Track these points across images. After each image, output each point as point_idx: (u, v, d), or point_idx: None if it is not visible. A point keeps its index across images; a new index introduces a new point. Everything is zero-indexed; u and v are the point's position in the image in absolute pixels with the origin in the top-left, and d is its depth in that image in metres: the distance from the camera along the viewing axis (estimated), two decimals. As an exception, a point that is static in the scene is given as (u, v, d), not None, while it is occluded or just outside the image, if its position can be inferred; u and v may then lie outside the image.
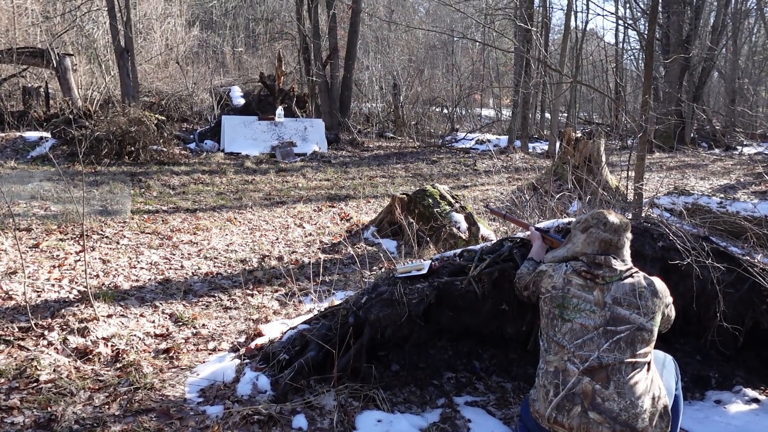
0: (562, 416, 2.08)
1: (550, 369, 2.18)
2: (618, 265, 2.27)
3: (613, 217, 2.36)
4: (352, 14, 15.53)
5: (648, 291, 2.22)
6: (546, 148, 14.50)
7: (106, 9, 12.11)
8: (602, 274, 2.24)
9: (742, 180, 11.13)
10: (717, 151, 16.88)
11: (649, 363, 2.14)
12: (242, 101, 13.23)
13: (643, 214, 5.07)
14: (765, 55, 22.63)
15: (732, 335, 3.02)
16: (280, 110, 11.91)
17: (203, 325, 3.82)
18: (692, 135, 17.80)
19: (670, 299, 2.31)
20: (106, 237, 5.63)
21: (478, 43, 19.81)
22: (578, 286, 2.25)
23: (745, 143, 17.94)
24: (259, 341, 3.34)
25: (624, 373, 2.07)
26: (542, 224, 3.27)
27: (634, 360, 2.09)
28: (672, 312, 2.35)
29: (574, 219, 3.29)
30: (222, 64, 20.09)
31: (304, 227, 6.64)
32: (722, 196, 6.57)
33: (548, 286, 2.33)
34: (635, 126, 5.15)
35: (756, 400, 3.00)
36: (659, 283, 2.28)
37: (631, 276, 2.26)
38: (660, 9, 15.60)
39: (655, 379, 2.15)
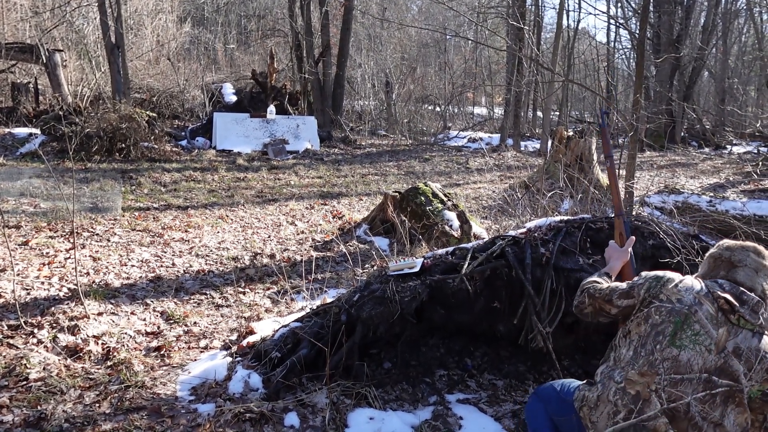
0: None
1: (630, 391, 1.88)
2: (763, 315, 1.88)
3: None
4: (344, 11, 15.50)
5: None
6: (538, 146, 14.56)
7: (97, 4, 12.01)
8: (742, 313, 1.85)
9: (731, 179, 11.23)
10: (707, 150, 17.03)
11: None
12: (234, 98, 13.18)
13: (633, 213, 5.11)
14: (754, 55, 22.82)
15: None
16: (272, 108, 11.87)
17: (195, 323, 3.81)
18: (682, 134, 17.94)
19: None
20: (97, 234, 5.59)
21: (470, 42, 19.84)
22: (707, 315, 1.87)
23: (734, 142, 18.11)
24: (251, 339, 3.34)
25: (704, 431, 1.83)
26: (533, 223, 3.29)
27: (721, 423, 1.83)
28: None
29: (566, 217, 3.31)
30: (214, 60, 20.00)
31: (296, 225, 6.62)
32: (712, 194, 6.63)
33: (672, 297, 1.92)
34: (626, 125, 5.18)
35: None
36: None
37: (763, 335, 1.88)
38: (651, 8, 15.69)
39: None
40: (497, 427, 2.71)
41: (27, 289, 4.04)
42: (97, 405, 2.66)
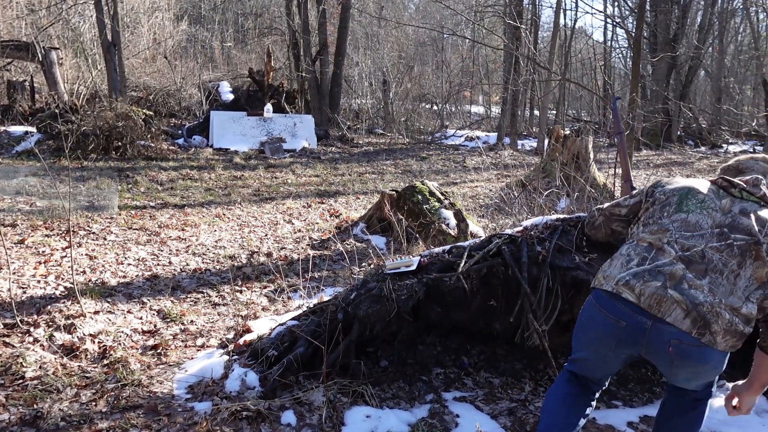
0: (637, 282, 1.80)
1: (641, 243, 1.89)
2: (765, 189, 1.91)
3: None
4: (341, 10, 15.48)
5: None
6: (535, 145, 14.58)
7: (93, 2, 11.97)
8: (743, 186, 1.91)
9: (727, 178, 11.24)
10: (703, 149, 17.08)
11: (749, 298, 1.80)
12: (231, 97, 13.15)
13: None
14: (750, 55, 22.87)
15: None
16: (269, 106, 11.85)
17: (191, 321, 3.80)
18: (679, 133, 17.99)
19: None
20: (93, 233, 5.58)
21: (467, 40, 19.84)
22: (710, 191, 1.93)
23: (730, 141, 18.17)
24: (247, 337, 3.34)
25: (725, 276, 1.78)
26: (530, 221, 3.30)
27: (738, 270, 1.80)
28: None
29: (562, 216, 3.32)
30: (211, 59, 19.95)
31: (293, 223, 6.62)
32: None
33: (672, 181, 2.03)
34: (622, 124, 5.20)
35: (739, 395, 3.04)
36: None
37: None
38: (648, 8, 15.71)
39: (749, 312, 1.81)
40: (494, 425, 2.72)
41: (23, 288, 4.03)
42: (94, 403, 2.66)
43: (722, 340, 1.76)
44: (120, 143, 9.31)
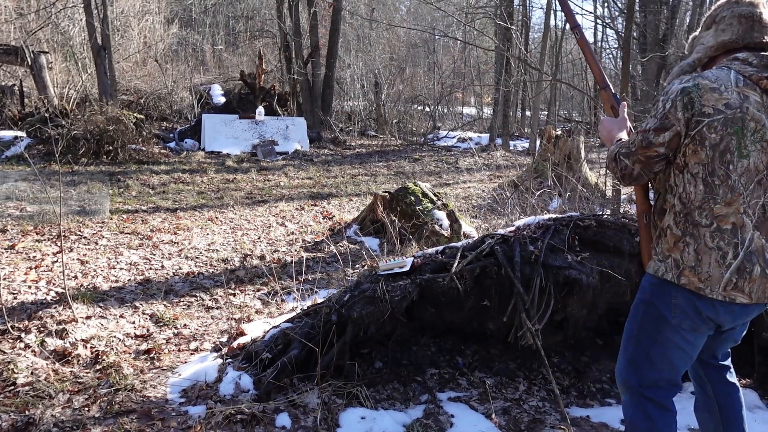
0: (743, 281, 1.67)
1: (725, 226, 1.67)
2: None
3: None
4: (333, 12, 15.50)
5: None
6: (527, 145, 14.64)
7: (82, 6, 11.90)
8: None
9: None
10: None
11: None
12: (223, 100, 13.12)
13: (621, 210, 5.16)
14: (739, 54, 23.06)
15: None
16: (260, 109, 11.84)
17: (185, 325, 3.79)
18: (669, 132, 18.09)
19: None
20: (85, 237, 5.54)
21: (459, 42, 19.90)
22: (756, 104, 1.65)
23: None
24: (241, 340, 3.33)
25: None
26: (522, 221, 3.31)
27: None
28: None
29: (554, 215, 3.33)
30: (202, 62, 19.90)
31: (286, 226, 6.61)
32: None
33: (718, 105, 1.65)
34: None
35: (731, 391, 3.06)
36: None
37: None
38: (637, 8, 15.83)
39: None
40: (488, 425, 2.73)
41: (14, 294, 4.00)
42: (87, 409, 2.65)
43: None
44: (111, 147, 9.26)
